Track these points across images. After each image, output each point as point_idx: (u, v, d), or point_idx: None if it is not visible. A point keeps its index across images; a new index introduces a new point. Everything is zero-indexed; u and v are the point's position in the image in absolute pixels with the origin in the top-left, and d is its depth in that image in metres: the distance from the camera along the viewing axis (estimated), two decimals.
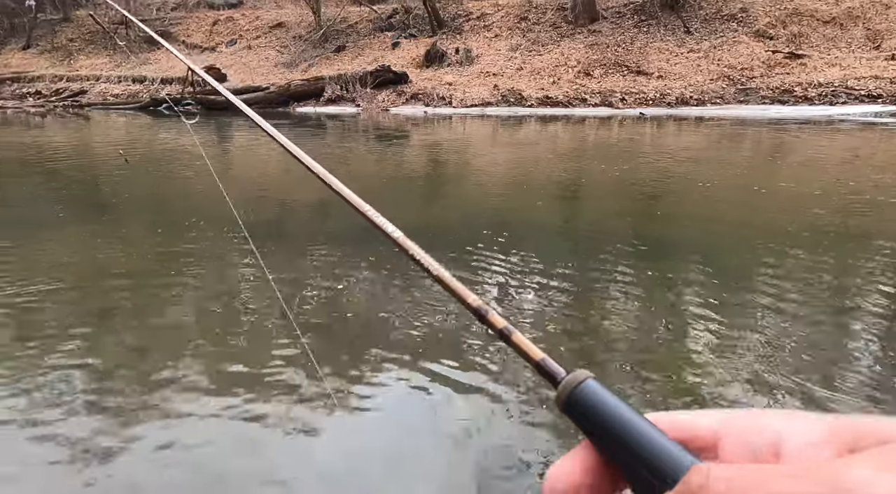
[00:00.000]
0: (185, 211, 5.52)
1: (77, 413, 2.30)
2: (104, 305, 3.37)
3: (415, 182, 7.20)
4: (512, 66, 16.26)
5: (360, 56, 18.09)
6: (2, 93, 18.28)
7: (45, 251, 4.29)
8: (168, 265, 4.00)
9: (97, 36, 21.40)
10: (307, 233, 4.79)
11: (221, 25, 21.26)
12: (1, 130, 12.99)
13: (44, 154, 9.53)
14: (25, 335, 2.97)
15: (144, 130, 12.60)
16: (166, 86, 17.16)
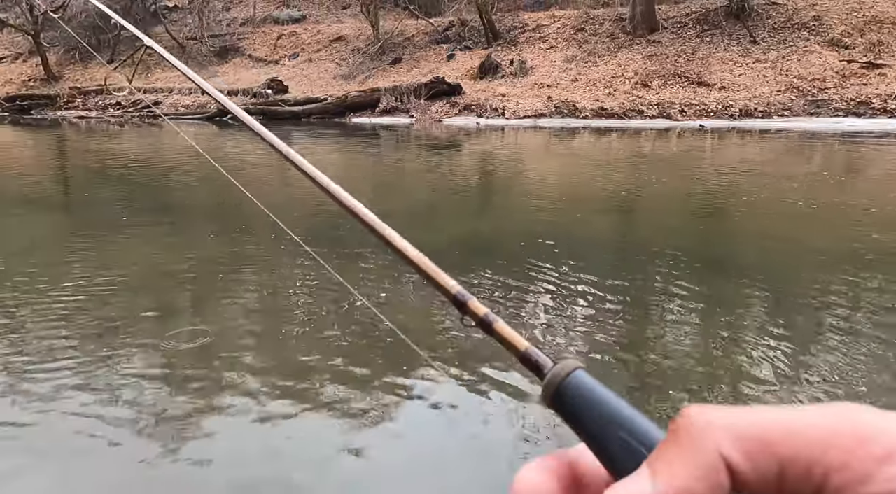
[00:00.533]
0: (240, 215, 5.76)
1: (131, 406, 2.43)
2: (160, 304, 3.56)
3: (465, 192, 7.23)
4: (567, 77, 16.10)
5: (416, 68, 18.41)
6: (87, 104, 19.76)
7: (114, 250, 4.59)
8: (220, 268, 4.18)
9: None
10: (359, 242, 4.89)
11: (285, 39, 22.19)
12: (84, 138, 14.04)
13: (117, 161, 10.22)
14: (88, 331, 3.18)
15: (211, 138, 13.29)
16: (233, 97, 18.04)
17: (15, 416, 2.33)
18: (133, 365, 2.75)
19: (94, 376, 2.64)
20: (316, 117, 16.18)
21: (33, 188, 7.80)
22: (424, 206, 6.38)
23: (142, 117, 18.13)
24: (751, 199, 6.04)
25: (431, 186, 7.65)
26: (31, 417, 2.33)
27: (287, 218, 5.76)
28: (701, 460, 0.16)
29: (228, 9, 25.17)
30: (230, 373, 2.69)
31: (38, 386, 2.57)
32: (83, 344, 2.97)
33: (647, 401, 2.48)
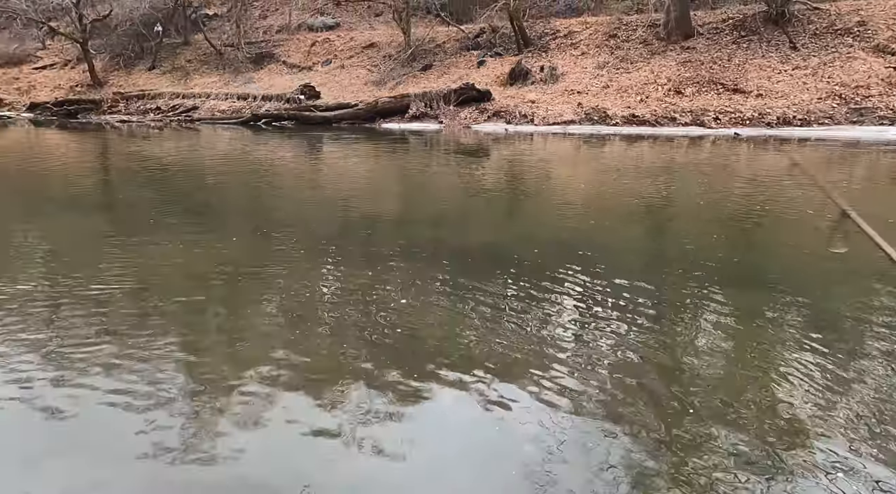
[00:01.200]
0: (266, 218, 5.86)
1: (157, 400, 2.48)
2: (186, 303, 3.63)
3: (492, 197, 7.20)
4: (598, 83, 15.94)
5: (446, 74, 18.50)
6: (129, 108, 20.50)
7: (146, 250, 4.72)
8: (245, 269, 4.26)
9: (210, 57, 23.47)
10: (387, 245, 4.92)
11: (319, 46, 22.60)
12: (125, 141, 14.55)
13: (154, 163, 10.54)
14: (118, 327, 3.26)
15: (244, 141, 13.60)
16: (266, 103, 18.45)
17: (48, 403, 2.41)
18: (159, 360, 2.81)
19: (123, 370, 2.71)
20: (347, 123, 16.40)
21: (75, 188, 8.11)
22: (451, 211, 6.39)
23: (180, 121, 18.70)
24: (788, 209, 5.84)
25: (458, 191, 7.65)
26: (63, 405, 2.41)
27: (316, 218, 5.84)
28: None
29: (265, 16, 25.81)
30: (252, 372, 2.72)
31: (69, 377, 2.65)
32: (114, 338, 3.05)
33: (675, 419, 2.41)
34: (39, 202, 7.04)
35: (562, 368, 2.76)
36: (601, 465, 2.10)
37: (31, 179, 8.94)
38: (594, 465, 2.11)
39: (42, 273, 4.15)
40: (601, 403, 2.48)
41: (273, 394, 2.54)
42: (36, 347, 2.95)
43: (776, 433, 2.28)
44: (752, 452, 2.18)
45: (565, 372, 2.73)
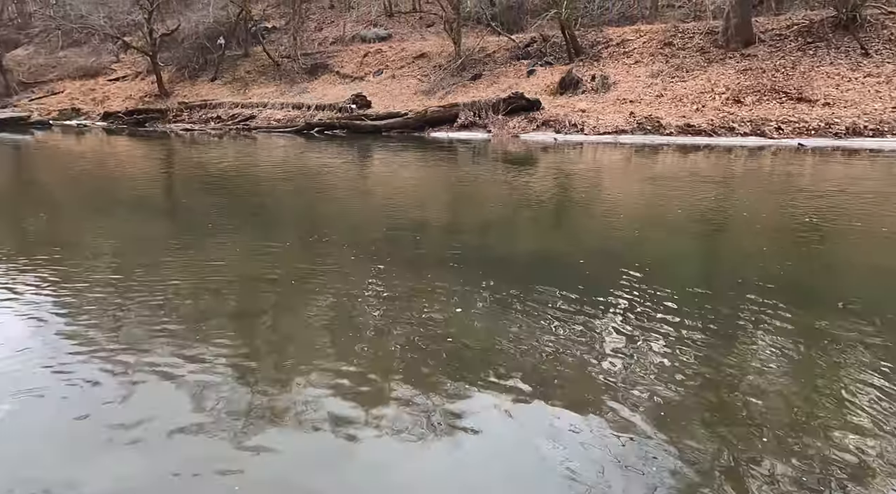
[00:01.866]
0: (319, 224, 6.00)
1: (207, 399, 2.57)
2: (238, 305, 3.75)
3: (539, 206, 7.12)
4: (651, 92, 15.57)
5: (496, 83, 18.53)
6: (192, 117, 21.58)
7: (203, 253, 4.92)
8: (296, 274, 4.36)
9: (268, 68, 24.43)
10: (434, 253, 4.94)
11: (371, 57, 23.13)
12: (187, 149, 15.30)
13: (214, 169, 11.02)
14: (174, 326, 3.40)
15: (298, 149, 14.03)
16: (319, 112, 19.00)
17: (101, 396, 2.54)
18: (212, 359, 2.91)
19: (176, 366, 2.82)
20: (396, 131, 16.66)
21: (141, 192, 8.58)
22: (498, 219, 6.35)
23: (238, 130, 19.51)
24: (857, 224, 5.49)
25: (505, 200, 7.61)
26: (113, 398, 2.53)
27: (366, 224, 5.94)
28: None
29: (321, 28, 26.66)
30: (299, 376, 2.78)
31: (122, 371, 2.79)
32: (169, 336, 3.19)
33: (734, 443, 2.29)
34: (109, 204, 7.49)
35: (611, 384, 2.68)
36: (653, 488, 2.02)
37: (102, 183, 9.52)
38: (645, 488, 2.02)
39: (108, 271, 4.40)
40: (653, 423, 2.38)
41: (318, 399, 2.58)
42: (96, 341, 3.12)
43: (842, 465, 2.13)
44: (817, 484, 2.04)
45: (614, 388, 2.65)
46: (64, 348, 3.05)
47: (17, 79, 28.66)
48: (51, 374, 2.77)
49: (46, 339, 3.16)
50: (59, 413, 2.47)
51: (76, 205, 7.68)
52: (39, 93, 27.88)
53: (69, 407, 2.49)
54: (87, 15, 27.28)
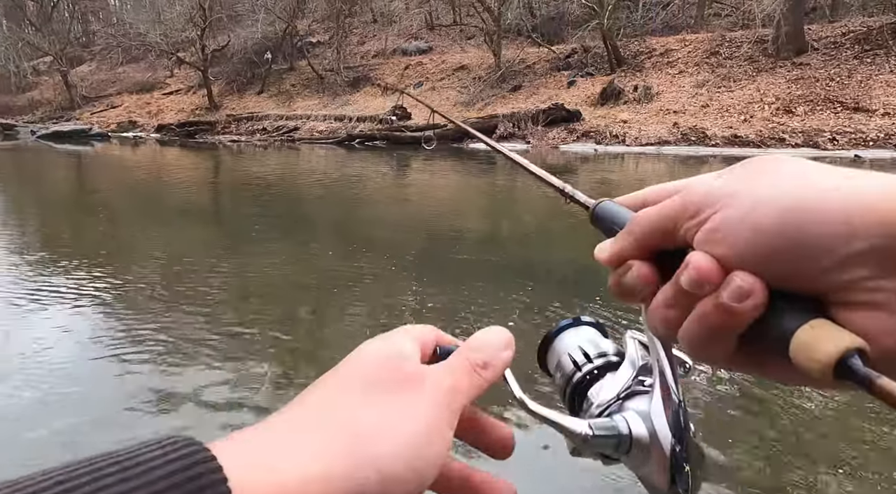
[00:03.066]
0: (359, 233, 6.09)
1: (247, 398, 2.62)
2: (280, 311, 3.83)
3: (578, 220, 7.02)
4: (696, 103, 15.20)
5: (535, 95, 18.48)
6: (239, 129, 22.39)
7: (247, 260, 5.06)
8: (337, 281, 4.43)
9: (312, 81, 25.14)
10: (471, 263, 4.93)
11: (411, 69, 23.48)
12: (234, 159, 15.86)
13: (260, 179, 11.36)
14: (221, 329, 3.50)
15: (338, 160, 14.33)
16: (360, 123, 19.39)
17: (145, 394, 2.63)
18: (253, 360, 2.98)
19: (218, 366, 2.90)
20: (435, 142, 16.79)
21: (190, 201, 8.93)
22: (535, 230, 6.30)
23: (282, 141, 20.09)
24: None
25: (543, 211, 7.54)
26: (156, 396, 2.62)
27: (405, 234, 5.99)
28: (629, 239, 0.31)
29: (363, 42, 27.28)
30: None
31: (168, 371, 2.88)
32: (214, 337, 3.29)
33: (787, 464, 2.18)
34: (161, 211, 7.82)
35: None
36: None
37: (155, 191, 9.97)
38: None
39: (158, 275, 4.58)
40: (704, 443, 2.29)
41: None
42: (145, 340, 3.24)
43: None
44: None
45: None
46: (112, 345, 3.18)
47: (80, 93, 30.46)
48: (97, 370, 2.90)
49: (96, 336, 3.31)
50: (102, 410, 2.57)
51: (131, 212, 8.05)
52: (100, 106, 29.54)
53: (115, 401, 2.59)
54: (145, 33, 28.78)
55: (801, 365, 0.23)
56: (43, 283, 4.29)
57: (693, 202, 0.28)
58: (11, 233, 6.45)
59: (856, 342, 0.22)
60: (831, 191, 0.24)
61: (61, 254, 5.20)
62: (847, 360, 0.22)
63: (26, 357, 3.05)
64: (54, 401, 2.62)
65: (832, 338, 0.22)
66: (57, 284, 4.25)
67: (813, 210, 0.23)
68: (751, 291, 0.24)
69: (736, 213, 0.25)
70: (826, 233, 0.23)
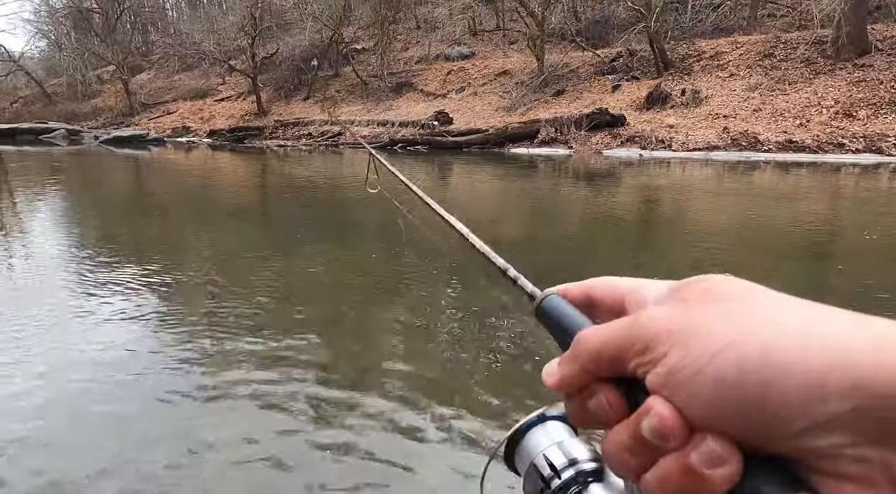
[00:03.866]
0: (402, 237, 6.15)
1: (289, 397, 2.68)
2: (323, 311, 3.91)
3: (620, 223, 6.88)
4: (748, 106, 14.67)
5: (579, 99, 18.26)
6: (285, 134, 23.05)
7: (292, 262, 5.19)
8: (380, 284, 4.48)
9: (356, 87, 25.63)
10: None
11: (454, 75, 23.61)
12: (281, 163, 16.32)
13: (305, 182, 11.64)
14: (265, 329, 3.60)
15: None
16: (402, 128, 19.62)
17: (187, 391, 2.73)
18: (294, 360, 3.05)
19: (258, 366, 2.99)
20: (476, 147, 16.83)
21: (238, 203, 9.24)
22: (577, 236, 6.21)
23: (326, 146, 20.56)
24: None
25: (584, 216, 7.42)
26: (194, 393, 2.71)
27: (445, 239, 6.02)
28: (574, 368, 0.27)
29: (406, 49, 27.64)
30: (377, 383, 2.84)
31: (208, 369, 2.98)
32: (256, 337, 3.38)
33: None
34: (211, 213, 8.13)
35: None
36: None
37: (205, 193, 10.36)
38: None
39: (204, 275, 4.75)
40: None
41: (393, 407, 2.62)
42: (189, 338, 3.37)
43: None
44: None
45: None
46: (159, 342, 3.32)
47: (139, 100, 32.07)
48: (144, 367, 3.02)
49: (145, 334, 3.46)
50: (148, 404, 2.68)
51: (184, 213, 8.40)
52: (157, 112, 31.02)
53: (161, 397, 2.70)
54: (200, 41, 30.04)
55: None
56: (101, 278, 4.52)
57: (641, 337, 0.25)
58: (74, 231, 6.83)
59: None
60: (799, 339, 0.21)
61: (118, 251, 5.47)
62: None
63: (86, 344, 3.22)
64: (107, 386, 2.75)
65: None
66: (114, 278, 4.47)
67: (781, 363, 0.20)
68: (726, 457, 0.21)
69: (692, 359, 0.23)
70: (798, 391, 0.20)
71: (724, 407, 0.21)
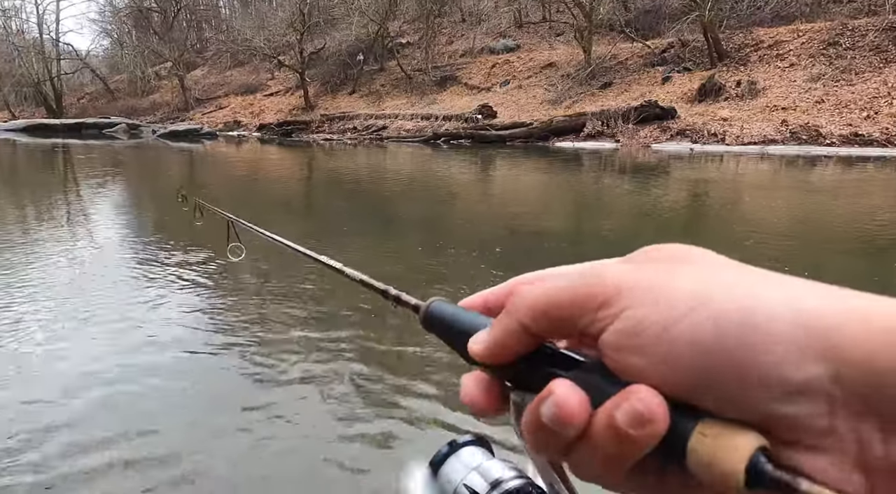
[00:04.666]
0: (447, 230, 6.17)
1: (335, 383, 2.74)
2: (372, 305, 3.96)
3: (668, 219, 6.67)
4: (809, 98, 13.92)
5: (627, 92, 17.79)
6: (331, 128, 23.47)
7: (340, 253, 5.29)
8: (425, 278, 4.51)
9: (401, 81, 25.80)
10: (558, 261, 4.85)
11: (498, 68, 23.42)
12: (326, 156, 16.65)
13: (350, 175, 11.84)
14: (303, 321, 3.68)
15: (424, 159, 14.60)
16: (446, 122, 19.62)
17: (233, 376, 2.83)
18: (337, 352, 3.12)
19: (302, 357, 3.07)
20: (520, 141, 16.66)
21: (285, 195, 9.49)
22: (619, 229, 6.06)
23: (371, 139, 20.80)
24: None
25: (628, 210, 7.24)
26: (243, 379, 2.81)
27: (489, 232, 6.01)
28: (509, 325, 0.24)
29: (451, 42, 27.59)
30: (418, 379, 2.87)
31: (256, 357, 3.08)
32: (299, 327, 3.48)
33: None
34: (258, 204, 8.38)
35: None
36: None
37: (253, 185, 10.69)
38: None
39: (256, 264, 4.92)
40: None
41: (431, 405, 2.64)
42: (239, 328, 3.49)
43: None
44: None
45: None
46: (208, 334, 3.46)
47: (194, 96, 33.33)
48: (192, 363, 3.16)
49: (197, 325, 3.61)
50: (195, 398, 2.79)
51: (234, 203, 8.70)
52: (210, 107, 32.16)
53: (209, 385, 2.81)
54: (251, 38, 30.91)
55: (705, 480, 0.19)
56: (153, 265, 4.74)
57: (601, 290, 0.22)
58: (130, 220, 7.18)
59: (760, 439, 0.18)
60: (781, 301, 0.19)
61: (174, 236, 5.71)
62: (757, 465, 0.18)
63: (137, 326, 3.39)
64: (165, 371, 2.89)
65: (733, 441, 0.18)
66: (164, 267, 4.68)
67: (763, 324, 0.19)
68: (651, 415, 0.19)
69: (662, 316, 0.20)
70: (780, 354, 0.18)
71: (696, 369, 0.19)
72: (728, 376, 0.19)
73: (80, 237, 6.01)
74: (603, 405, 0.20)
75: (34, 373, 2.83)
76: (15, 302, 3.79)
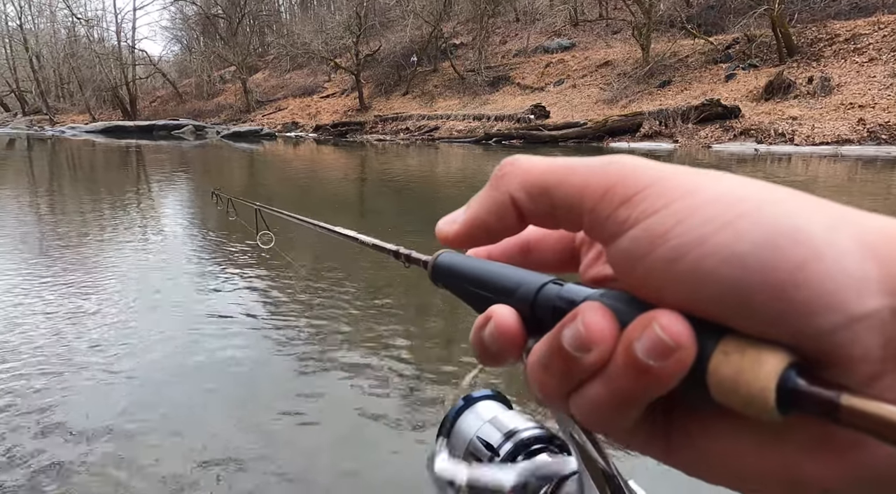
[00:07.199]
0: None
1: (380, 384, 2.78)
2: (418, 303, 4.00)
3: None
4: (890, 95, 12.96)
5: (687, 90, 17.13)
6: (385, 129, 23.86)
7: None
8: None
9: (453, 82, 25.89)
10: None
11: (552, 67, 23.09)
12: (379, 156, 16.93)
13: (402, 175, 11.99)
14: (347, 318, 3.75)
15: (475, 159, 14.59)
16: (498, 122, 19.53)
17: (273, 370, 2.92)
18: (381, 347, 3.17)
19: (349, 352, 3.13)
20: (573, 141, 16.37)
21: (337, 194, 9.72)
22: None
23: (423, 140, 20.99)
24: None
25: None
26: (317, 362, 2.89)
27: None
28: (495, 197, 0.20)
29: (504, 42, 27.45)
30: (456, 374, 2.88)
31: (303, 350, 3.16)
32: (343, 323, 3.55)
33: None
34: (312, 202, 8.63)
35: None
36: None
37: (308, 183, 11.02)
38: None
39: (304, 261, 5.06)
40: None
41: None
42: (287, 323, 3.60)
43: None
44: None
45: None
46: (255, 331, 3.58)
47: (255, 98, 34.70)
48: (239, 356, 3.28)
49: (245, 321, 3.75)
50: (236, 392, 2.90)
51: (290, 200, 8.99)
52: (269, 109, 33.38)
53: (253, 381, 2.91)
54: (309, 41, 31.84)
55: (730, 404, 0.16)
56: (208, 261, 4.96)
57: (625, 180, 0.18)
58: (199, 213, 7.55)
59: (791, 356, 0.16)
60: (836, 220, 0.16)
61: (225, 236, 5.96)
62: (788, 380, 0.15)
63: (195, 319, 3.55)
64: (222, 360, 3.02)
65: (759, 357, 0.16)
66: (219, 262, 4.89)
67: (818, 244, 0.16)
68: (678, 343, 0.16)
69: (701, 222, 0.17)
70: (835, 279, 0.15)
71: (732, 288, 0.16)
72: (770, 297, 0.16)
73: (144, 227, 6.38)
74: (624, 329, 0.17)
75: (110, 351, 3.01)
76: (98, 288, 4.06)
